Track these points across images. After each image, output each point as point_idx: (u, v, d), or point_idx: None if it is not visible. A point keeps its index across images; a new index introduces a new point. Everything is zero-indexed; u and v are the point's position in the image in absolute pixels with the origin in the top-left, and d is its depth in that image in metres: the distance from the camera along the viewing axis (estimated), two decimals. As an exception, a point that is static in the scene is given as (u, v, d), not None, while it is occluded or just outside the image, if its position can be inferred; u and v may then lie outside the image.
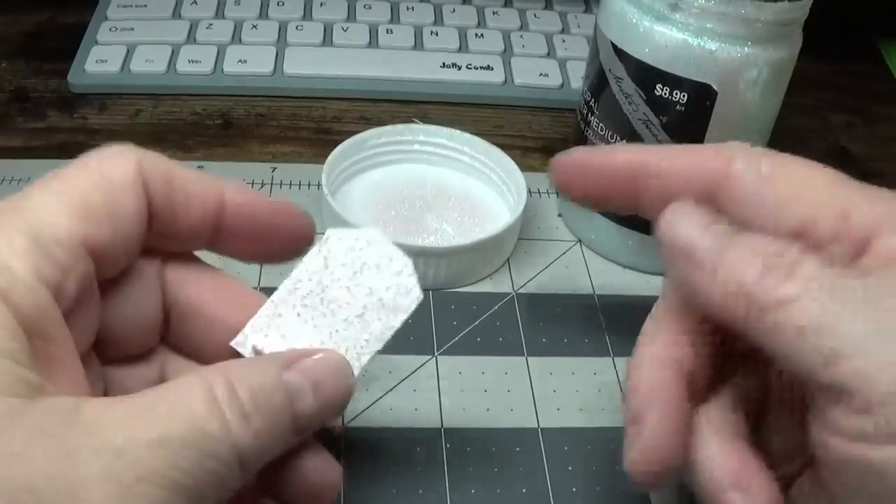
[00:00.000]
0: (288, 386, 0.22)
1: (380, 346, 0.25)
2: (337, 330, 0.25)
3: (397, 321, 0.25)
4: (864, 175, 0.24)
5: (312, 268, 0.25)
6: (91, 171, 0.23)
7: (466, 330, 0.38)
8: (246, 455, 0.20)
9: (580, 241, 0.43)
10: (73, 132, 0.48)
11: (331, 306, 0.25)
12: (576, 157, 0.29)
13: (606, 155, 0.29)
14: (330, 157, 0.42)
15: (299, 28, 0.54)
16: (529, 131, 0.51)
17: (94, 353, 0.24)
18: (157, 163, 0.24)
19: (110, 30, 0.53)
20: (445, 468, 0.33)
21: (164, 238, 0.25)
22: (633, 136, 0.38)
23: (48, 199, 0.22)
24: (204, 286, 0.26)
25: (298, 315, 0.25)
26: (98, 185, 0.22)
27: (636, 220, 0.31)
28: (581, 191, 0.29)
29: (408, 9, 0.57)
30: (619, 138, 0.38)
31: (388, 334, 0.25)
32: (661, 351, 0.26)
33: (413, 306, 0.25)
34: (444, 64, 0.53)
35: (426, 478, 0.32)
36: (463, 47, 0.55)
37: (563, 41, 0.56)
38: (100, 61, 0.50)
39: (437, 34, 0.55)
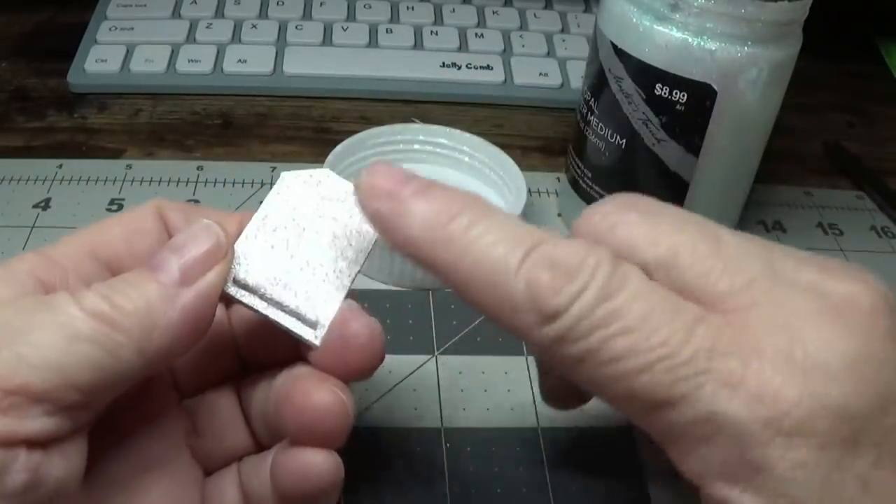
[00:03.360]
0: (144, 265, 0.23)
1: (357, 268, 0.26)
2: (314, 257, 0.26)
3: (368, 242, 0.27)
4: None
5: (275, 205, 0.26)
6: (114, 215, 0.27)
7: (466, 330, 0.38)
8: (108, 318, 0.21)
9: (580, 240, 0.43)
10: (72, 132, 0.48)
11: (302, 235, 0.26)
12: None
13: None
14: (329, 157, 0.42)
15: (299, 28, 0.54)
16: (529, 131, 0.51)
17: None
18: (173, 203, 0.27)
19: (110, 29, 0.53)
20: (445, 468, 0.33)
21: None
22: (632, 136, 0.38)
23: (69, 234, 0.26)
24: None
25: (273, 247, 0.25)
26: (114, 219, 0.26)
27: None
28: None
29: (408, 9, 0.57)
30: (618, 138, 0.38)
31: (363, 258, 0.26)
32: None
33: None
34: (443, 64, 0.53)
35: (426, 478, 0.32)
36: (463, 47, 0.55)
37: (563, 41, 0.56)
38: (99, 61, 0.50)
39: (436, 34, 0.55)
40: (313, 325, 0.25)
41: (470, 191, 0.23)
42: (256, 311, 0.25)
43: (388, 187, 0.23)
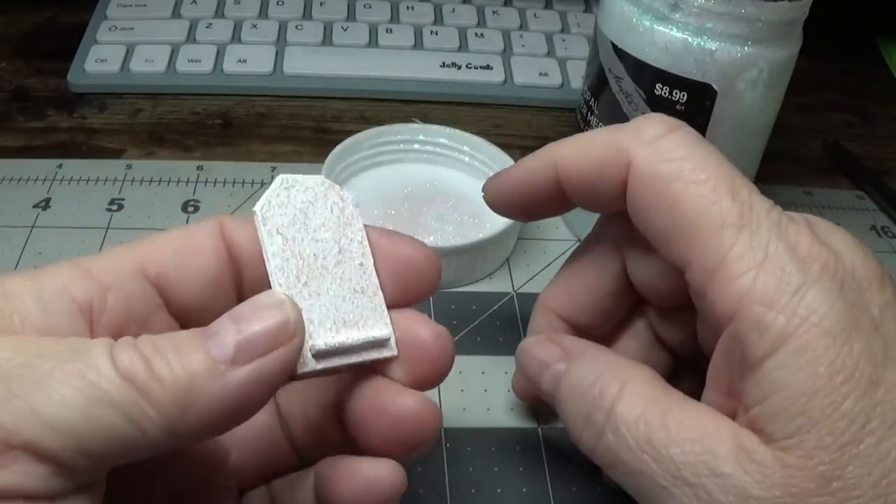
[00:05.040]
0: (200, 328, 0.21)
1: (370, 258, 0.25)
2: (341, 277, 0.25)
3: (359, 226, 0.25)
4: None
5: (277, 250, 0.24)
6: (171, 228, 0.24)
7: (466, 330, 0.38)
8: (141, 385, 0.19)
9: (580, 240, 0.43)
10: (72, 132, 0.48)
11: (318, 264, 0.25)
12: (498, 179, 0.30)
13: (519, 169, 0.30)
14: (329, 157, 0.42)
15: (299, 28, 0.54)
16: (529, 131, 0.51)
17: None
18: (239, 218, 0.25)
19: (110, 29, 0.53)
20: (445, 468, 0.33)
21: (261, 281, 0.24)
22: (633, 136, 0.38)
23: (118, 246, 0.23)
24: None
25: (310, 295, 0.24)
26: (169, 233, 0.24)
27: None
28: (515, 210, 0.31)
29: (408, 8, 0.57)
30: (619, 138, 0.38)
31: (366, 243, 0.25)
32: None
33: (355, 202, 0.26)
34: (443, 63, 0.53)
35: (427, 478, 0.32)
36: (463, 47, 0.55)
37: (563, 41, 0.56)
38: (100, 61, 0.50)
39: (436, 34, 0.55)
40: (384, 342, 0.24)
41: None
42: (335, 370, 0.24)
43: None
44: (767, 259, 0.23)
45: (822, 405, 0.21)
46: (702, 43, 0.34)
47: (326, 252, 0.25)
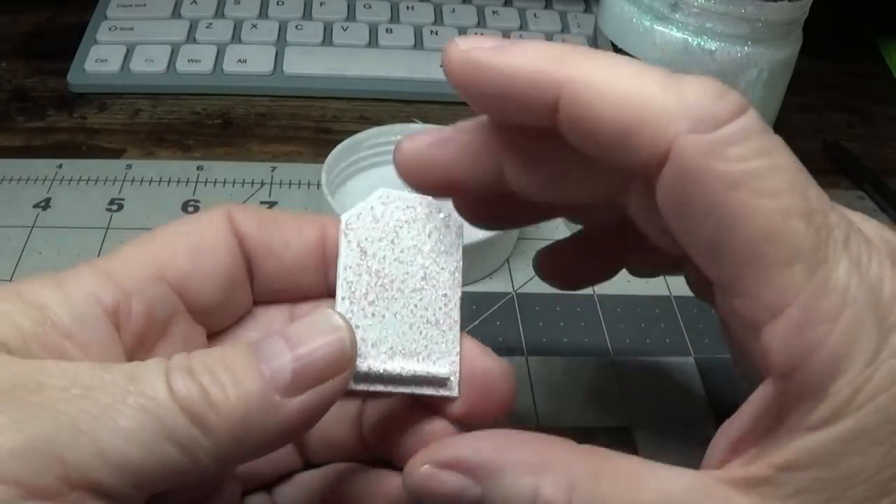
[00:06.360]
0: (253, 345, 0.20)
1: (459, 291, 0.24)
2: (416, 304, 0.24)
3: (458, 257, 0.24)
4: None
5: (352, 263, 0.23)
6: (180, 221, 0.24)
7: (467, 330, 0.38)
8: (198, 418, 0.19)
9: (580, 240, 0.43)
10: (72, 132, 0.48)
11: (393, 287, 0.24)
12: (472, 55, 0.22)
13: (507, 56, 0.22)
14: (329, 157, 0.42)
15: (299, 28, 0.54)
16: (529, 131, 0.51)
17: None
18: (247, 208, 0.25)
19: (110, 29, 0.53)
20: (445, 468, 0.32)
21: (271, 276, 0.25)
22: (632, 136, 0.38)
23: (130, 245, 0.23)
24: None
25: (373, 315, 0.23)
26: (180, 229, 0.24)
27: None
28: (479, 100, 0.24)
29: (408, 8, 0.57)
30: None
31: (459, 276, 0.24)
32: None
33: (461, 233, 0.24)
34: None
35: (426, 478, 0.32)
36: (463, 47, 0.55)
37: (563, 41, 0.56)
38: (99, 61, 0.50)
39: (437, 34, 0.55)
40: (444, 381, 0.23)
41: None
42: (387, 395, 0.23)
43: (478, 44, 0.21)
44: (845, 311, 0.19)
45: (859, 500, 0.19)
46: (702, 43, 0.34)
47: (408, 276, 0.24)
